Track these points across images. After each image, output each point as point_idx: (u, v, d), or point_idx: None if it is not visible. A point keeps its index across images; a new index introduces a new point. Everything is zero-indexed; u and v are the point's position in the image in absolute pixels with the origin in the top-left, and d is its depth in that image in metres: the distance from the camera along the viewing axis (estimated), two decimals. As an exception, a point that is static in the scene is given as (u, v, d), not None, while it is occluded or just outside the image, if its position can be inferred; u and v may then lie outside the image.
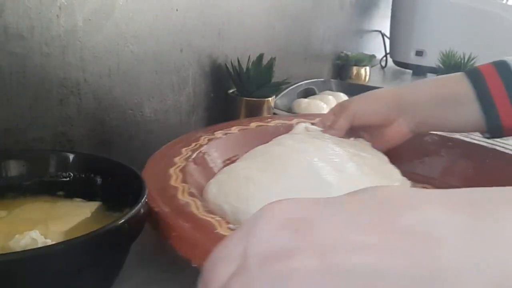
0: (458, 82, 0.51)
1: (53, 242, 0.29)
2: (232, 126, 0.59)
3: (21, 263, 0.25)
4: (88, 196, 0.39)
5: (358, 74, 1.32)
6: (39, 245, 0.30)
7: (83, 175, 0.40)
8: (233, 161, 0.52)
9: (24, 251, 0.26)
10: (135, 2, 0.58)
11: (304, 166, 0.44)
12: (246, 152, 0.52)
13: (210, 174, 0.49)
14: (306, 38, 1.12)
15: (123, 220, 0.30)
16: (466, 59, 1.20)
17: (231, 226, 0.36)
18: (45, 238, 0.31)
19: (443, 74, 1.20)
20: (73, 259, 0.27)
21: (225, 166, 0.51)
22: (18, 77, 0.46)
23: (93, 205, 0.38)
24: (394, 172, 0.50)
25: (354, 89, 1.17)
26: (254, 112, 0.74)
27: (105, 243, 0.29)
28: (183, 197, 0.40)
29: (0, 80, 0.45)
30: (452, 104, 0.51)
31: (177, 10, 0.65)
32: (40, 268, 0.26)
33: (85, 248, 0.28)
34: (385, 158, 0.53)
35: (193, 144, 0.52)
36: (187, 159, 0.48)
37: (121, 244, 0.32)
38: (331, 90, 1.12)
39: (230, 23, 0.78)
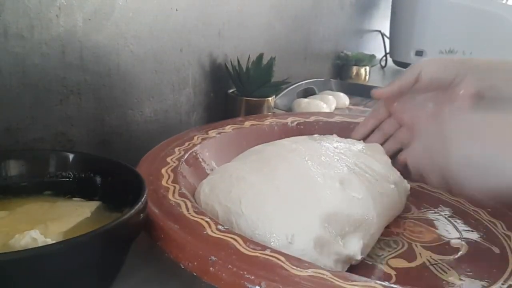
0: None
1: (53, 242, 0.29)
2: (227, 124, 0.59)
3: (21, 262, 0.25)
4: (88, 195, 0.39)
5: (358, 74, 1.32)
6: (39, 245, 0.30)
7: (83, 175, 0.40)
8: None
9: (24, 251, 0.26)
10: (135, 2, 0.58)
11: (295, 166, 0.44)
12: (238, 152, 0.52)
13: (202, 174, 0.49)
14: (306, 37, 1.12)
15: (122, 220, 0.30)
16: (466, 59, 1.19)
17: (220, 227, 0.36)
18: (45, 237, 0.31)
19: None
20: (73, 258, 0.27)
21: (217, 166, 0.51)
22: (18, 77, 0.46)
23: (93, 205, 0.38)
24: (389, 175, 0.50)
25: (354, 89, 1.17)
26: (254, 112, 0.74)
27: (104, 243, 0.29)
28: (173, 198, 0.40)
29: (0, 80, 0.45)
30: None
31: (177, 10, 0.65)
32: (40, 267, 0.26)
33: (84, 247, 0.28)
34: (388, 161, 0.53)
35: (187, 144, 0.52)
36: (179, 159, 0.48)
37: (120, 244, 0.32)
38: (331, 90, 1.12)
39: (230, 23, 0.78)
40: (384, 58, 1.68)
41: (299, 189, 0.41)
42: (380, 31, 1.66)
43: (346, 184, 0.43)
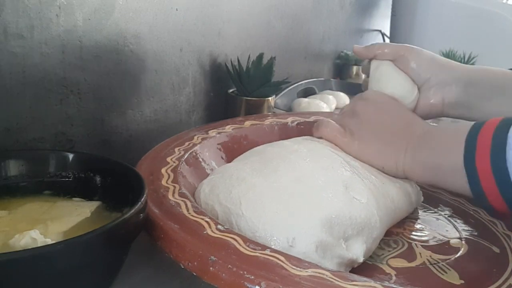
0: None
1: (53, 242, 0.29)
2: (227, 124, 0.59)
3: (21, 262, 0.25)
4: (87, 195, 0.39)
5: (358, 73, 1.32)
6: (39, 245, 0.30)
7: (83, 175, 0.40)
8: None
9: (24, 251, 0.26)
10: (135, 1, 0.58)
11: (296, 168, 0.43)
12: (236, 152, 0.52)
13: (202, 174, 0.49)
14: (306, 37, 1.12)
15: (122, 220, 0.30)
16: (466, 59, 1.19)
17: (220, 227, 0.36)
18: (45, 237, 0.31)
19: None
20: (72, 258, 0.27)
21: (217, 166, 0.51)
22: (18, 77, 0.46)
23: (93, 205, 0.38)
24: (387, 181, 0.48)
25: (354, 88, 1.17)
26: (254, 111, 0.74)
27: (104, 243, 0.29)
28: (173, 198, 0.40)
29: (0, 80, 0.45)
30: (499, 93, 0.48)
31: (177, 10, 0.65)
32: (40, 267, 0.26)
33: (84, 247, 0.28)
34: None
35: (187, 144, 0.52)
36: (179, 159, 0.48)
37: (120, 244, 0.32)
38: (331, 89, 1.12)
39: (230, 22, 0.78)
40: (384, 57, 1.68)
41: (300, 192, 0.40)
42: (380, 31, 1.66)
43: (349, 187, 0.42)
